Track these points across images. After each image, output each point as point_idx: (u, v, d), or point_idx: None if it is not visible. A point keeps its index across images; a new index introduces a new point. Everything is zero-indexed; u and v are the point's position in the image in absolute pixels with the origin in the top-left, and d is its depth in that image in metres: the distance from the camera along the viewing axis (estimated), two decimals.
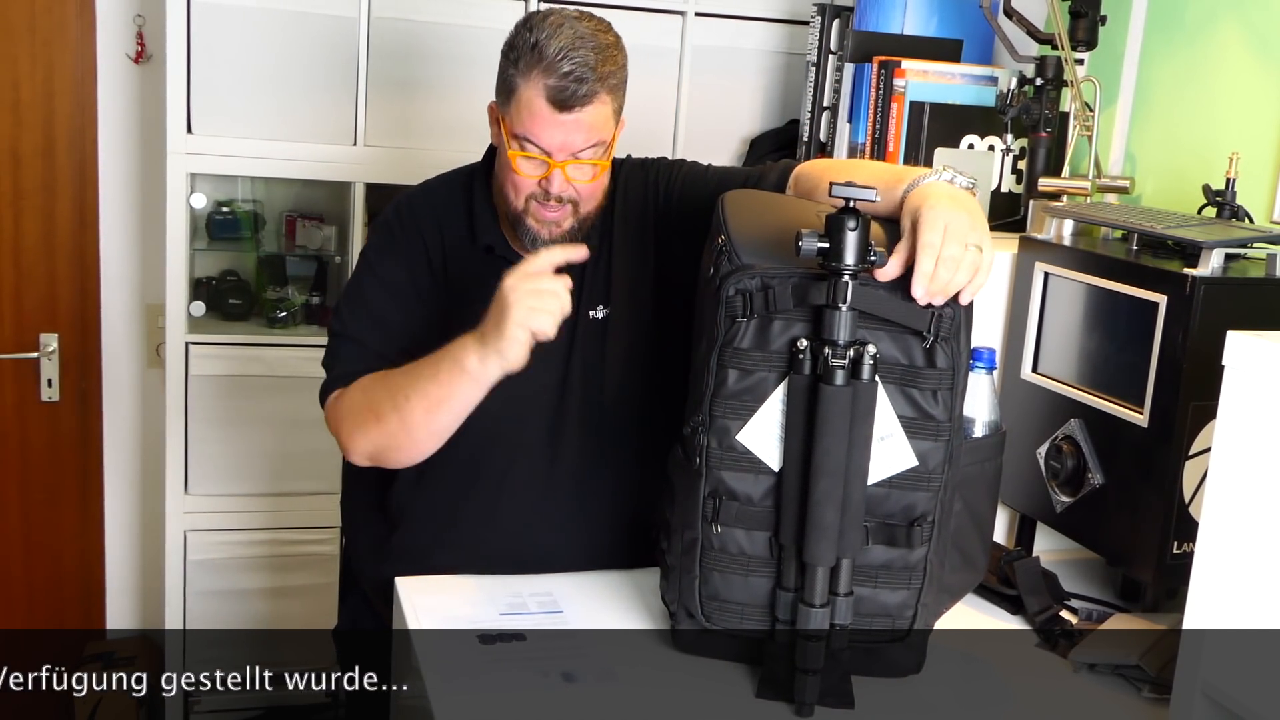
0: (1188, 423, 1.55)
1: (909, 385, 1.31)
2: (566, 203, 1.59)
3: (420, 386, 1.51)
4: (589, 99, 1.53)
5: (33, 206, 2.78)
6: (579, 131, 1.54)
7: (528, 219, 1.60)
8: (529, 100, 1.53)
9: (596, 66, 1.52)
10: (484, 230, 1.67)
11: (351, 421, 1.60)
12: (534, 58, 1.52)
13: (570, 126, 1.53)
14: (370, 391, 1.58)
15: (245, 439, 2.63)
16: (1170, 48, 2.17)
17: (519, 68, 1.54)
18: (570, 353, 1.67)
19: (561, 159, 1.55)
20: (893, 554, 1.34)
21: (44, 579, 2.95)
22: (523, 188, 1.58)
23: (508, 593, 1.55)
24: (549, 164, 1.55)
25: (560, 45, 1.51)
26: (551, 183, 1.56)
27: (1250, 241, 1.64)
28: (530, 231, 1.61)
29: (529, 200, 1.59)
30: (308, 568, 2.68)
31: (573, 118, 1.53)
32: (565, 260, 1.47)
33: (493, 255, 1.67)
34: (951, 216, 1.29)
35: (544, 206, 1.58)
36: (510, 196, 1.60)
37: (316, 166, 2.58)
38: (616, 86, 1.58)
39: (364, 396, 1.59)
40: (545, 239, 1.60)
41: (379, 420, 1.56)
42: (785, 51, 2.76)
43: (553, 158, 1.55)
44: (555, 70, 1.51)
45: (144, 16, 2.74)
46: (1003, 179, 2.32)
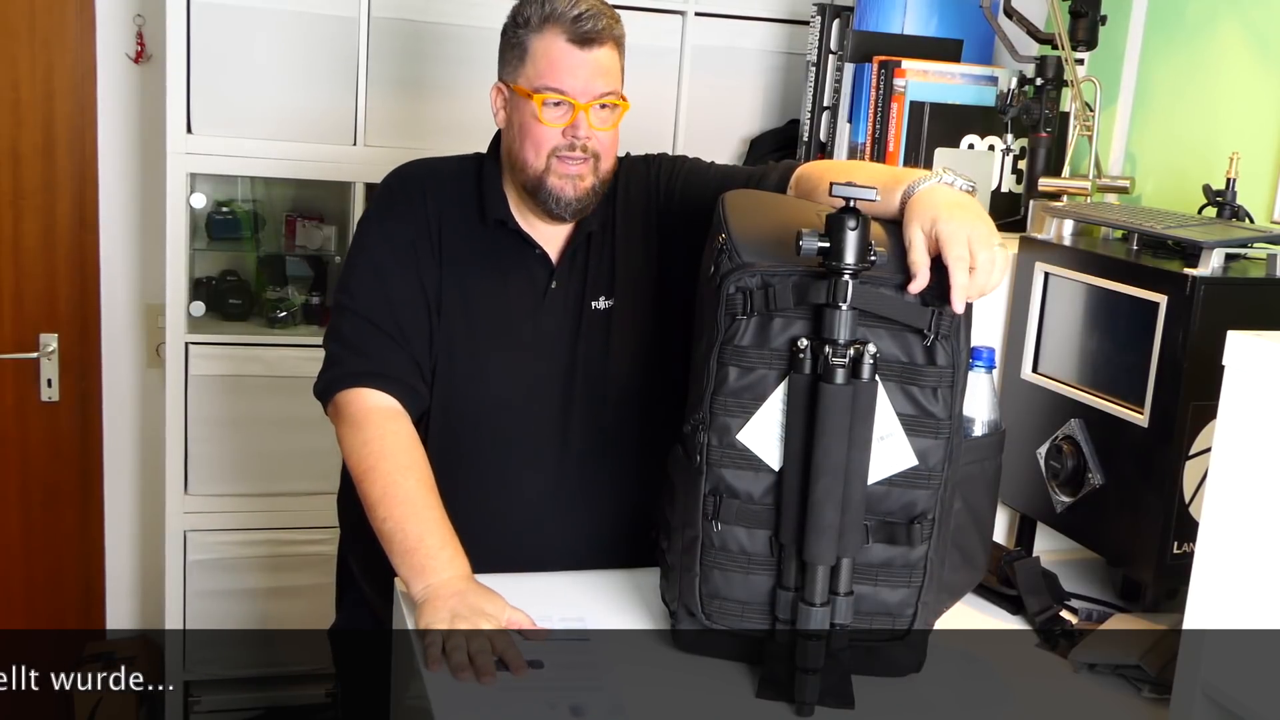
0: (1188, 423, 1.55)
1: (909, 383, 1.31)
2: (590, 155, 1.61)
3: (390, 530, 1.52)
4: (606, 36, 1.59)
5: (33, 206, 2.78)
6: (599, 72, 1.59)
7: (550, 178, 1.61)
8: (547, 47, 1.58)
9: (607, 14, 1.60)
10: (495, 206, 1.68)
11: (348, 446, 1.61)
12: (547, 14, 1.59)
13: (591, 65, 1.59)
14: (374, 468, 1.57)
15: (245, 439, 2.63)
16: (1170, 48, 2.17)
17: (530, 26, 1.60)
18: (576, 342, 1.68)
19: (585, 100, 1.59)
20: (893, 552, 1.34)
21: (44, 579, 2.95)
22: (545, 142, 1.60)
23: (536, 615, 1.48)
24: (574, 106, 1.59)
25: (570, 1, 1.59)
26: (578, 127, 1.59)
27: (1250, 241, 1.64)
28: (553, 192, 1.62)
29: (551, 157, 1.61)
30: (308, 567, 2.68)
31: (593, 55, 1.58)
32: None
33: (505, 229, 1.68)
34: (970, 226, 1.32)
35: (567, 160, 1.60)
36: (530, 158, 1.61)
37: (316, 166, 2.57)
38: (621, 43, 1.64)
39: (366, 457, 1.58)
40: (570, 195, 1.62)
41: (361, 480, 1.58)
42: (785, 51, 2.76)
43: (578, 100, 1.58)
44: (569, 16, 1.58)
45: (144, 16, 2.74)
46: (1003, 179, 2.32)
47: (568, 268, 1.69)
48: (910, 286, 1.31)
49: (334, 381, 1.64)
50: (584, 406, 1.68)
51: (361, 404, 1.61)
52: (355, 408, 1.61)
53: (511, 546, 1.65)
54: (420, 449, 1.60)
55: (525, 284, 1.68)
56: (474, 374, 1.67)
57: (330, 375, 1.65)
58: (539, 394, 1.67)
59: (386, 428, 1.59)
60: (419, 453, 1.59)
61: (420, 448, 1.61)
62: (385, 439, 1.58)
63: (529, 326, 1.67)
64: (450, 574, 1.48)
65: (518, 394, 1.67)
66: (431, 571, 1.48)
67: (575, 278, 1.69)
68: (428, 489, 1.56)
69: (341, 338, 1.65)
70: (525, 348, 1.67)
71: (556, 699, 1.33)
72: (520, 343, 1.67)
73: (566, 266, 1.69)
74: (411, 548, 1.50)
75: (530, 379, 1.67)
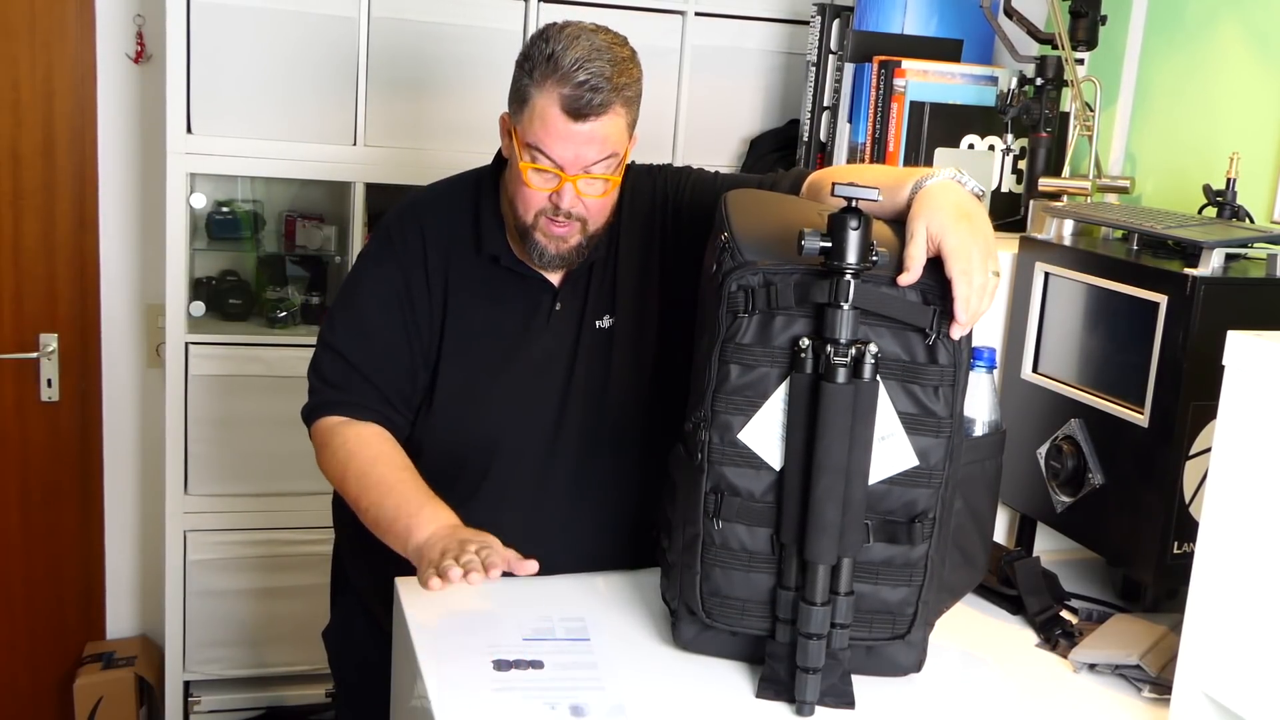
0: (1188, 423, 1.55)
1: (910, 381, 1.31)
2: (575, 219, 1.59)
3: (374, 516, 1.55)
4: (604, 109, 1.52)
5: (33, 206, 2.78)
6: (592, 144, 1.54)
7: (536, 234, 1.60)
8: (543, 110, 1.52)
9: (612, 77, 1.52)
10: (490, 240, 1.67)
11: (325, 465, 1.66)
12: (549, 68, 1.52)
13: (583, 138, 1.53)
14: (346, 469, 1.61)
15: (245, 439, 2.63)
16: (1170, 48, 2.17)
17: (533, 78, 1.54)
18: (574, 362, 1.68)
19: (574, 173, 1.55)
20: (894, 550, 1.34)
21: (44, 579, 2.94)
22: (533, 202, 1.58)
23: (535, 615, 1.50)
24: (560, 177, 1.55)
25: (576, 56, 1.51)
26: (562, 197, 1.56)
27: (1250, 241, 1.64)
28: (538, 246, 1.61)
29: (539, 215, 1.59)
30: (308, 567, 2.67)
31: (586, 129, 1.52)
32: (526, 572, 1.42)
33: (498, 266, 1.67)
34: (977, 243, 1.31)
35: (553, 222, 1.58)
36: (520, 210, 1.60)
37: (316, 166, 2.57)
38: (631, 99, 1.57)
39: (337, 465, 1.63)
40: (552, 254, 1.61)
41: (341, 488, 1.64)
42: (785, 51, 2.76)
43: (565, 171, 1.54)
44: (570, 80, 1.50)
45: (144, 16, 2.74)
46: (1003, 179, 2.32)
47: (570, 290, 1.69)
48: (900, 279, 1.30)
49: (313, 410, 1.70)
50: (582, 424, 1.68)
51: (328, 424, 1.67)
52: (323, 430, 1.67)
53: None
54: (388, 441, 1.64)
55: (529, 309, 1.68)
56: (478, 399, 1.67)
57: (310, 404, 1.71)
58: (535, 413, 1.67)
59: (348, 433, 1.64)
60: (388, 444, 1.63)
61: (388, 440, 1.64)
62: (349, 443, 1.63)
63: (534, 349, 1.67)
64: (436, 525, 1.48)
65: (513, 414, 1.67)
66: (418, 528, 1.48)
67: (577, 298, 1.69)
68: (399, 469, 1.59)
69: (321, 372, 1.70)
70: (528, 369, 1.67)
71: (557, 699, 1.33)
72: (523, 365, 1.67)
73: (570, 289, 1.69)
74: (392, 518, 1.52)
75: (525, 399, 1.67)
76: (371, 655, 1.75)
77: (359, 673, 1.85)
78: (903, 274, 1.31)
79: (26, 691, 2.98)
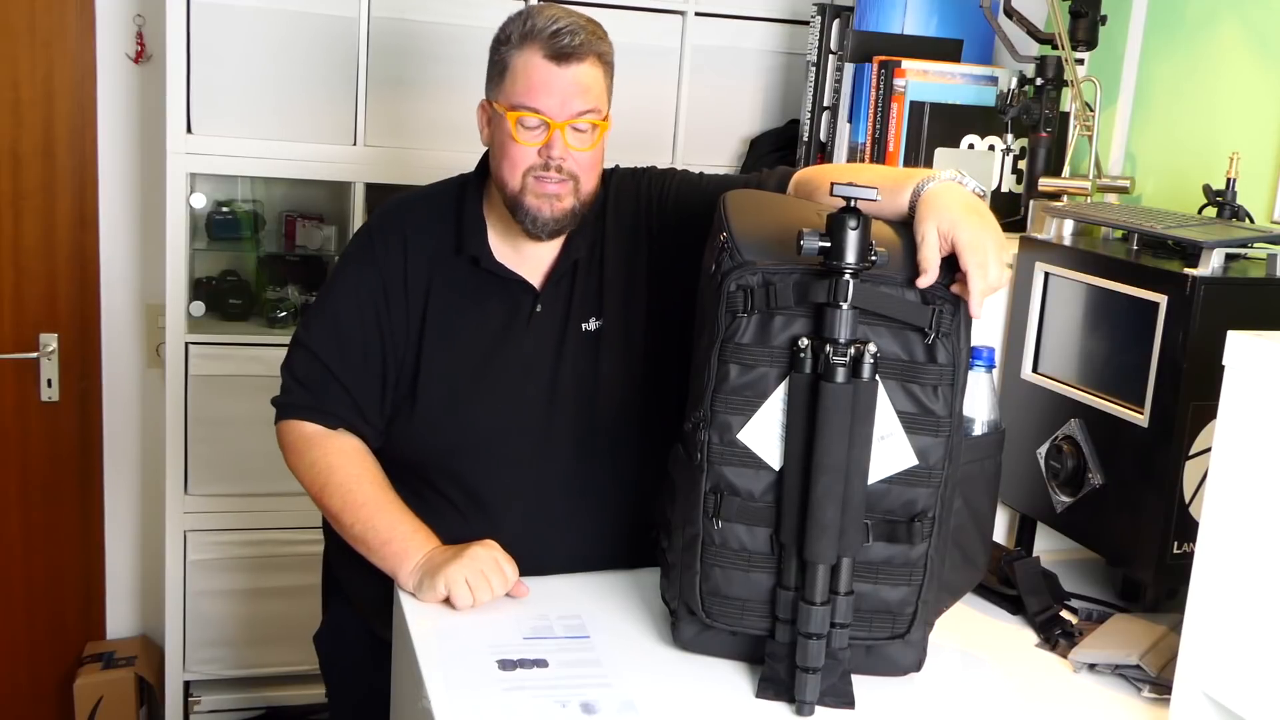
0: (1188, 423, 1.55)
1: (910, 380, 1.31)
2: (567, 177, 1.59)
3: (359, 534, 1.62)
4: (585, 52, 1.57)
5: (33, 206, 2.78)
6: (576, 90, 1.57)
7: (527, 197, 1.60)
8: (525, 64, 1.57)
9: (589, 29, 1.59)
10: (471, 241, 1.68)
11: (301, 473, 1.70)
12: (527, 30, 1.57)
13: (568, 82, 1.56)
14: (327, 482, 1.66)
15: (245, 439, 2.62)
16: (1170, 48, 2.17)
17: (511, 43, 1.59)
18: (558, 365, 1.68)
19: (561, 119, 1.57)
20: (893, 550, 1.34)
21: (44, 579, 2.95)
22: (521, 161, 1.59)
23: (532, 614, 1.52)
24: (549, 125, 1.57)
25: (551, 16, 1.58)
26: (553, 147, 1.58)
27: (1250, 241, 1.64)
28: (529, 211, 1.61)
29: (527, 176, 1.59)
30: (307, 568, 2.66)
31: (570, 72, 1.56)
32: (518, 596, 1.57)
33: (478, 268, 1.67)
34: (990, 237, 1.33)
35: (544, 180, 1.59)
36: (508, 177, 1.61)
37: (316, 166, 2.58)
38: (607, 62, 1.62)
39: (317, 477, 1.67)
40: (546, 216, 1.61)
41: (319, 498, 1.68)
42: (785, 51, 2.77)
43: (553, 119, 1.57)
44: (548, 30, 1.56)
45: (144, 16, 2.74)
46: (1003, 179, 2.32)
47: (553, 293, 1.68)
48: (918, 282, 1.31)
49: (282, 409, 1.73)
50: (570, 429, 1.68)
51: (302, 431, 1.70)
52: (295, 435, 1.70)
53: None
54: (366, 455, 1.69)
55: (509, 311, 1.68)
56: (461, 401, 1.67)
57: (280, 402, 1.74)
58: (521, 418, 1.67)
59: (329, 445, 1.68)
60: (367, 458, 1.68)
61: (366, 454, 1.69)
62: (330, 455, 1.67)
63: (512, 352, 1.67)
64: (430, 547, 1.58)
65: (499, 419, 1.67)
66: (414, 551, 1.57)
67: (560, 301, 1.68)
68: (383, 488, 1.66)
69: (293, 371, 1.72)
70: (509, 372, 1.67)
71: (567, 697, 1.33)
72: (505, 367, 1.67)
73: (551, 292, 1.68)
74: (385, 539, 1.59)
75: (511, 404, 1.67)
76: (363, 658, 1.75)
77: (351, 676, 1.85)
78: (921, 276, 1.31)
79: (26, 691, 2.98)
